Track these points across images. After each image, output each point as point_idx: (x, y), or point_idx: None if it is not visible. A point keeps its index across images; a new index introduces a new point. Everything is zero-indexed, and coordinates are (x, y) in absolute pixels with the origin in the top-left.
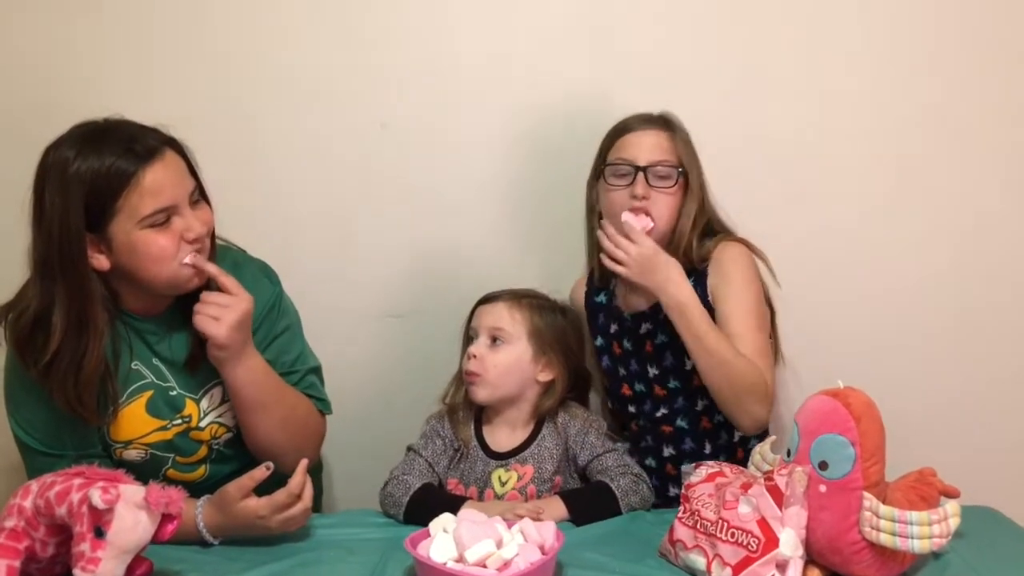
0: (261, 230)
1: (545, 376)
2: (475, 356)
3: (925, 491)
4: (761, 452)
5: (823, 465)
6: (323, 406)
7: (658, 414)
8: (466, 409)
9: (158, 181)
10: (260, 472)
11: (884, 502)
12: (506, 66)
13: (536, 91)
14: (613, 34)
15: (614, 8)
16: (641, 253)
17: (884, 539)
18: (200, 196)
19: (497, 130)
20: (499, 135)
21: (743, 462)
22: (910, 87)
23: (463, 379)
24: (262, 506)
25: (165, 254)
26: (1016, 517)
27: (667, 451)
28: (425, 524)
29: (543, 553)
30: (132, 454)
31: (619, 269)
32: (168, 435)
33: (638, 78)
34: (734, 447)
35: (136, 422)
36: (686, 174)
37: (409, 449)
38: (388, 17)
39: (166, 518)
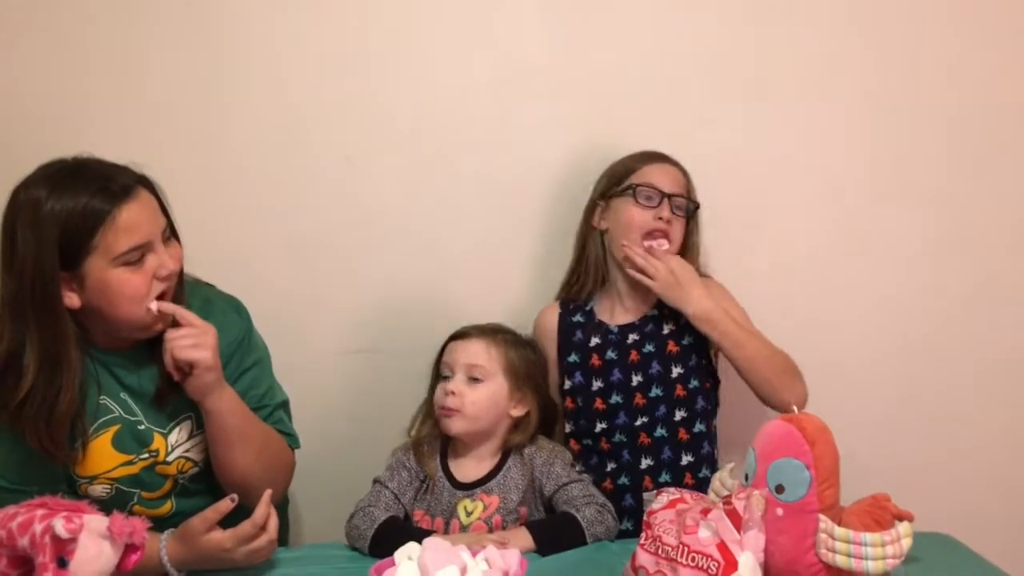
0: (228, 265)
1: (518, 411)
2: (454, 393)
3: (879, 515)
4: (720, 479)
5: (779, 489)
6: (292, 440)
7: (637, 423)
8: (432, 441)
9: (133, 219)
10: (225, 504)
11: (839, 525)
12: (473, 101)
13: (503, 126)
14: (582, 71)
15: (587, 49)
16: (670, 269)
17: (840, 560)
18: (171, 233)
19: (464, 165)
20: (466, 170)
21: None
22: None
23: (430, 412)
24: (227, 538)
25: (138, 293)
26: (970, 542)
27: (645, 462)
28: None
29: None
30: (97, 489)
31: (649, 283)
32: (134, 469)
33: (610, 113)
34: (700, 462)
35: (102, 457)
36: (694, 210)
37: (375, 481)
38: (354, 50)
39: (130, 548)
